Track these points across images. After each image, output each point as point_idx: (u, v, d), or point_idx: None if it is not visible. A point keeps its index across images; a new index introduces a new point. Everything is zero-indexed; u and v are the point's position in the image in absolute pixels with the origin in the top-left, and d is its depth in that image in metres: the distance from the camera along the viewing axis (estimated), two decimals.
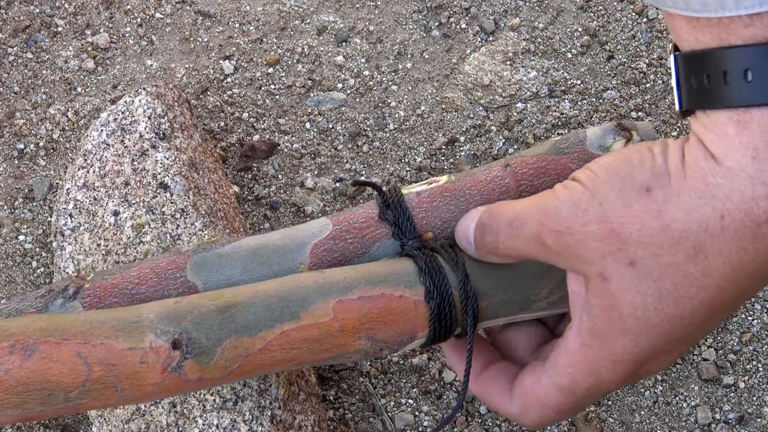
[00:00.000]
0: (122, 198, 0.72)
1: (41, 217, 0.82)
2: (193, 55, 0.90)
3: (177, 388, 0.56)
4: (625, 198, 0.49)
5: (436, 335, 0.59)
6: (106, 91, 0.88)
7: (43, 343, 0.54)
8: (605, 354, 0.52)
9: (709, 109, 0.47)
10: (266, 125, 0.87)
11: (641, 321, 0.50)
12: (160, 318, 0.56)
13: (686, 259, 0.48)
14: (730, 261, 0.48)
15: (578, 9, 0.93)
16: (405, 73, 0.90)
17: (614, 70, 0.89)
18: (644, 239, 0.49)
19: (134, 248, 0.70)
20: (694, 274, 0.48)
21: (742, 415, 0.75)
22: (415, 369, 0.77)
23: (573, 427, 0.74)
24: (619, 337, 0.51)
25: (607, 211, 0.49)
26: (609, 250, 0.50)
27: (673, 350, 0.52)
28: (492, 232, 0.56)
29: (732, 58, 0.46)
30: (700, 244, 0.48)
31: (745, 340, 0.77)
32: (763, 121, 0.45)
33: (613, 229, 0.49)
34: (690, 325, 0.50)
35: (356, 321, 0.57)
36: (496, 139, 0.86)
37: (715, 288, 0.49)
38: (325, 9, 0.93)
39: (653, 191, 0.49)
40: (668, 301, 0.49)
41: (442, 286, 0.58)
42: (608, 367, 0.52)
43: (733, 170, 0.46)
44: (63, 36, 0.91)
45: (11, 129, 0.86)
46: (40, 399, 0.54)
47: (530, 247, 0.53)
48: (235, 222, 0.76)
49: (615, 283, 0.50)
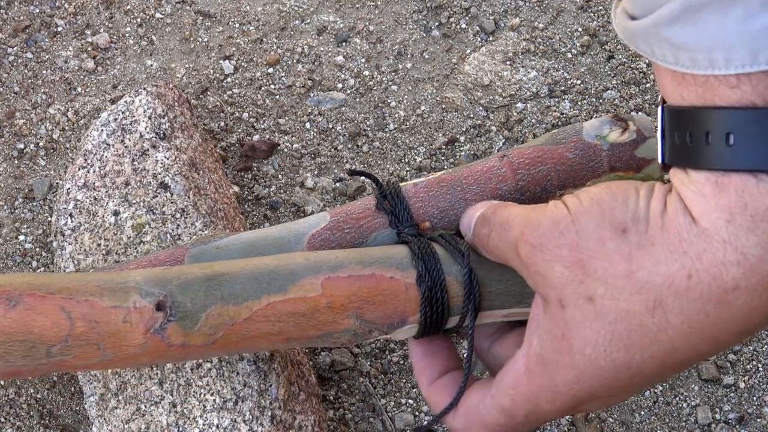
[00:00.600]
0: (122, 198, 0.72)
1: (41, 217, 0.82)
2: (193, 55, 0.90)
3: (161, 353, 0.56)
4: (600, 233, 0.49)
5: (428, 322, 0.59)
6: (106, 91, 0.88)
7: (28, 296, 0.54)
8: (546, 383, 0.52)
9: (690, 169, 0.47)
10: (266, 125, 0.87)
11: (588, 360, 0.50)
12: (147, 280, 0.56)
13: (644, 309, 0.48)
14: (688, 321, 0.47)
15: (578, 9, 0.93)
16: (405, 73, 0.90)
17: (614, 70, 0.89)
18: (608, 279, 0.48)
19: (134, 248, 0.70)
20: (649, 327, 0.48)
21: (742, 415, 0.75)
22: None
23: (573, 427, 0.74)
24: (563, 370, 0.51)
25: (581, 241, 0.49)
26: (572, 279, 0.49)
27: (613, 396, 0.52)
28: (487, 226, 0.56)
29: (715, 120, 0.45)
30: (661, 298, 0.47)
31: (745, 340, 0.77)
32: (741, 187, 0.45)
33: (581, 260, 0.49)
34: (636, 376, 0.50)
35: (345, 299, 0.57)
36: (496, 139, 0.86)
37: (669, 345, 0.48)
38: (325, 9, 0.93)
39: (629, 234, 0.48)
40: (619, 347, 0.49)
41: (434, 270, 0.58)
42: (547, 397, 0.52)
43: (708, 231, 0.46)
44: (63, 36, 0.91)
45: (11, 129, 0.86)
46: (22, 351, 0.54)
47: (508, 252, 0.54)
48: (236, 222, 0.76)
49: (571, 314, 0.50)
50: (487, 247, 0.57)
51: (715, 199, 0.46)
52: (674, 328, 0.47)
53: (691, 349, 0.48)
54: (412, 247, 0.59)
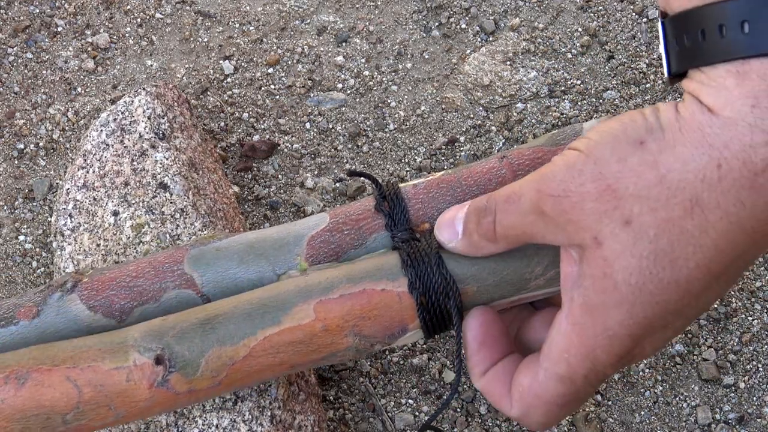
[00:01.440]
0: (122, 198, 0.72)
1: (41, 217, 0.82)
2: (193, 55, 0.90)
3: (170, 402, 0.57)
4: (619, 154, 0.49)
5: (429, 327, 0.59)
6: (106, 91, 0.88)
7: (35, 371, 0.57)
8: (600, 330, 0.51)
9: (706, 66, 0.47)
10: (266, 125, 0.87)
11: (636, 288, 0.49)
12: (144, 336, 0.58)
13: (683, 213, 0.47)
14: (727, 215, 0.47)
15: (578, 9, 0.93)
16: (405, 73, 0.90)
17: (614, 70, 0.89)
18: (641, 192, 0.48)
19: (134, 248, 0.70)
20: (691, 231, 0.47)
21: (742, 415, 0.75)
22: (415, 369, 0.77)
23: (573, 427, 0.74)
24: (613, 309, 0.50)
25: (602, 169, 0.49)
26: (605, 210, 0.49)
27: (668, 325, 0.51)
28: (489, 213, 0.55)
29: (728, 11, 0.46)
30: (696, 195, 0.47)
31: (745, 340, 0.77)
32: (763, 71, 0.45)
33: (609, 186, 0.48)
34: (686, 293, 0.49)
35: (339, 319, 0.58)
36: (496, 139, 0.86)
37: (713, 248, 0.48)
38: (325, 9, 0.93)
39: (647, 144, 0.48)
40: (664, 264, 0.48)
41: (425, 276, 0.58)
42: (604, 345, 0.51)
43: (732, 119, 0.46)
44: (63, 36, 0.91)
45: (11, 129, 0.86)
46: (40, 423, 0.56)
47: (528, 219, 0.52)
48: (235, 222, 0.76)
49: (609, 248, 0.49)
50: (496, 235, 0.55)
51: (738, 88, 0.46)
52: (714, 226, 0.47)
53: (734, 250, 0.48)
54: (402, 254, 0.59)
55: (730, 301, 0.79)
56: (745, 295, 0.79)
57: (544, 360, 0.54)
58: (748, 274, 0.80)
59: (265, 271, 0.62)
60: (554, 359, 0.53)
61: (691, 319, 0.51)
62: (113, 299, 0.63)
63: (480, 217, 0.56)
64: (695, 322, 0.78)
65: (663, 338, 0.52)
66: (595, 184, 0.49)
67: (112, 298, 0.62)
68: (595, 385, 0.54)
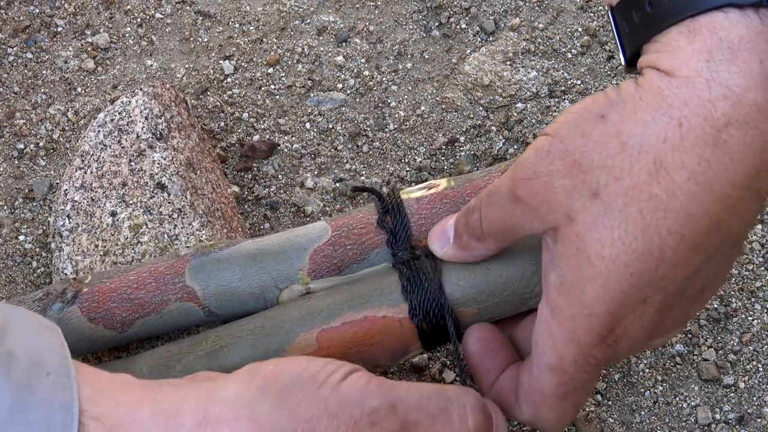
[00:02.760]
0: (120, 198, 0.72)
1: (41, 217, 0.82)
2: (193, 55, 0.90)
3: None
4: (582, 129, 0.49)
5: (430, 347, 0.59)
6: (106, 91, 0.88)
7: None
8: (577, 309, 0.50)
9: (658, 34, 0.48)
10: (266, 125, 0.87)
11: (609, 261, 0.48)
12: (152, 369, 0.59)
13: (648, 177, 0.47)
14: (693, 176, 0.46)
15: (578, 9, 0.93)
16: (405, 73, 0.90)
17: (614, 70, 0.89)
18: (606, 162, 0.48)
19: (132, 248, 0.70)
20: (658, 195, 0.47)
21: (742, 415, 0.75)
22: (415, 369, 0.77)
23: (573, 427, 0.74)
24: (588, 285, 0.49)
25: (568, 146, 0.49)
26: (573, 185, 0.49)
27: (647, 299, 0.50)
28: (475, 211, 0.55)
29: None
30: (660, 158, 0.47)
31: (745, 340, 0.77)
32: (712, 24, 0.46)
33: (575, 161, 0.49)
34: (661, 263, 0.48)
35: (342, 347, 0.58)
36: (496, 139, 0.86)
37: (683, 213, 0.47)
38: (325, 9, 0.93)
39: (608, 116, 0.48)
40: (636, 233, 0.48)
41: (425, 301, 0.58)
42: (584, 326, 0.50)
43: (689, 77, 0.46)
44: (63, 36, 0.91)
45: (11, 129, 0.86)
46: None
47: (507, 209, 0.52)
48: (233, 221, 0.76)
49: (581, 222, 0.49)
50: (483, 233, 0.56)
51: (690, 46, 0.46)
52: (681, 188, 0.47)
53: (707, 215, 0.47)
54: (402, 278, 0.59)
55: (730, 301, 0.79)
56: (745, 295, 0.79)
57: (534, 353, 0.54)
58: (747, 274, 0.80)
59: (267, 284, 0.62)
60: (541, 349, 0.53)
61: (674, 295, 0.50)
62: (114, 311, 0.63)
63: (468, 217, 0.56)
64: (695, 321, 0.78)
65: (646, 317, 0.51)
66: (562, 161, 0.49)
67: (114, 310, 0.63)
68: (588, 371, 0.53)
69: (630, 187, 0.48)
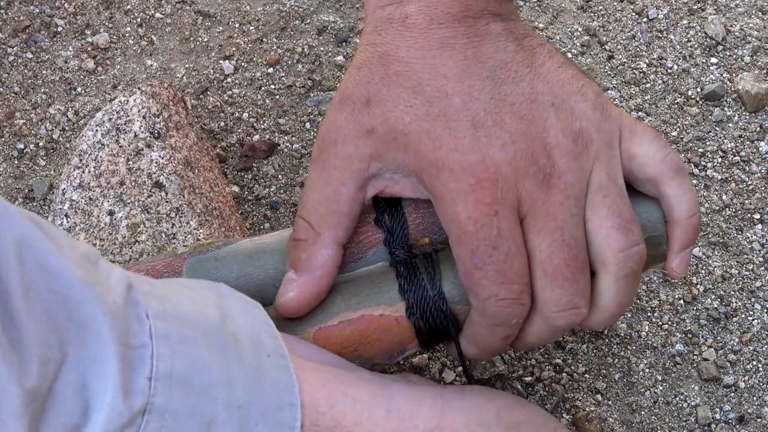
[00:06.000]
0: (117, 198, 0.72)
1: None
2: (193, 55, 0.90)
3: None
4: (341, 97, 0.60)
5: (428, 344, 0.59)
6: (106, 91, 0.88)
7: None
8: (412, 182, 0.58)
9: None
10: (266, 125, 0.87)
11: (410, 127, 0.56)
12: None
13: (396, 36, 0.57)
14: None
15: (578, 9, 0.93)
16: None
17: (614, 70, 0.89)
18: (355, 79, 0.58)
19: (129, 247, 0.70)
20: (409, 51, 0.57)
21: (742, 415, 0.75)
22: (415, 369, 0.77)
23: (573, 426, 0.74)
24: (399, 153, 0.57)
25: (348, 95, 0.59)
26: (368, 114, 0.58)
27: (444, 137, 0.55)
28: None
29: None
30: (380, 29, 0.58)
31: (745, 340, 0.77)
32: None
33: (366, 100, 0.58)
34: (444, 78, 0.55)
35: (339, 346, 0.58)
36: None
37: (430, 68, 0.56)
38: (325, 9, 0.93)
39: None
40: (414, 97, 0.56)
41: (422, 300, 0.58)
42: (419, 184, 0.57)
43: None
44: (63, 36, 0.91)
45: (11, 129, 0.86)
46: None
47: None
48: (231, 220, 0.76)
49: (385, 113, 0.56)
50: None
51: None
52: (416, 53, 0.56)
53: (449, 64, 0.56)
54: (399, 278, 0.59)
55: (730, 301, 0.79)
56: (745, 295, 0.79)
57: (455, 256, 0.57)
58: (747, 274, 0.80)
59: (264, 283, 0.62)
60: (446, 229, 0.56)
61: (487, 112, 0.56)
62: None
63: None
64: (695, 321, 0.78)
65: (455, 149, 0.55)
66: (351, 111, 0.59)
67: None
68: (486, 223, 0.54)
69: (377, 55, 0.58)
